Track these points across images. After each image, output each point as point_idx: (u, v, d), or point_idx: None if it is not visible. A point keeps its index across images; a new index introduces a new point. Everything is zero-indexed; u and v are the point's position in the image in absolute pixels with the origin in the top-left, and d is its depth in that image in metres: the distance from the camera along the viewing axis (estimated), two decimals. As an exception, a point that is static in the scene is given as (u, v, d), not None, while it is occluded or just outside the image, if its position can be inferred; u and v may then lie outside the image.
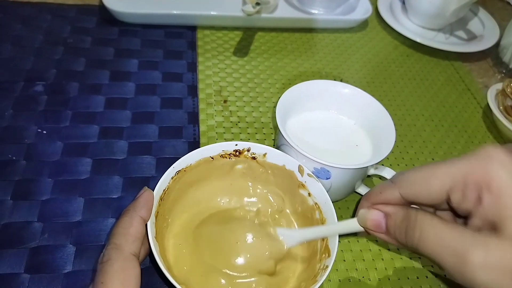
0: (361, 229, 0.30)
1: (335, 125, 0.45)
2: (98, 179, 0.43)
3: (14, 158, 0.43)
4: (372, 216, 0.29)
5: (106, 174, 0.43)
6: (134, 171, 0.44)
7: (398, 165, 0.49)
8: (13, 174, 0.41)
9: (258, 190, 0.39)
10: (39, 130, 0.46)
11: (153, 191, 0.32)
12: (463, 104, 0.59)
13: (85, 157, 0.44)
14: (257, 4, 0.62)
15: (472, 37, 0.70)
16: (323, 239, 0.33)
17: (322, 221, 0.34)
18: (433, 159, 0.51)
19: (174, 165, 0.34)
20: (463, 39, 0.70)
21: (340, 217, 0.43)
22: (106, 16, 0.61)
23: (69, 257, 0.36)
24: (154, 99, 0.52)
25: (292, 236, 0.34)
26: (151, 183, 0.43)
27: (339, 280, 0.39)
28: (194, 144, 0.47)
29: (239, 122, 0.51)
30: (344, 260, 0.40)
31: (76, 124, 0.47)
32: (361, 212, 0.30)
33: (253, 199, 0.39)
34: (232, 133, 0.49)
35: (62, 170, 0.43)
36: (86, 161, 0.44)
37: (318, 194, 0.35)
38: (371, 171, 0.40)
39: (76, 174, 0.43)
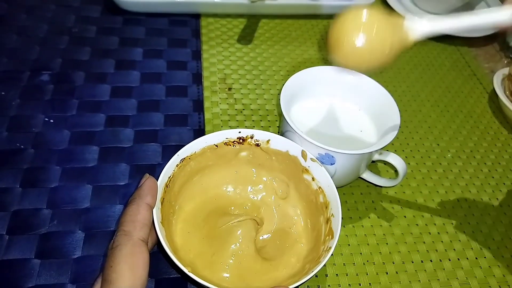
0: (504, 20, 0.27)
1: (340, 111, 0.45)
2: (105, 167, 0.43)
3: (22, 146, 0.43)
4: None
5: (113, 161, 0.44)
6: (140, 158, 0.44)
7: (403, 150, 0.50)
8: (22, 162, 0.42)
9: (263, 177, 0.40)
10: (46, 119, 0.46)
11: (158, 178, 0.33)
12: (469, 89, 0.59)
13: (92, 145, 0.45)
14: (261, -10, 0.62)
15: (478, 21, 0.69)
16: (327, 222, 0.33)
17: (326, 205, 0.34)
18: (438, 145, 0.51)
19: (178, 152, 0.34)
20: (470, 24, 0.69)
21: (344, 203, 0.43)
22: (110, 5, 0.61)
23: (78, 243, 0.37)
24: (159, 87, 0.52)
25: (421, 26, 0.30)
26: (157, 170, 0.43)
27: (344, 264, 0.39)
28: (199, 132, 0.48)
29: (243, 109, 0.51)
30: (349, 245, 0.41)
31: (82, 112, 0.48)
32: None
33: (259, 186, 0.40)
34: (237, 120, 0.50)
35: (69, 158, 0.43)
36: (93, 149, 0.45)
37: (322, 178, 0.35)
38: (376, 157, 0.40)
39: (84, 162, 0.43)
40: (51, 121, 0.46)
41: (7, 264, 0.35)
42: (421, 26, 0.30)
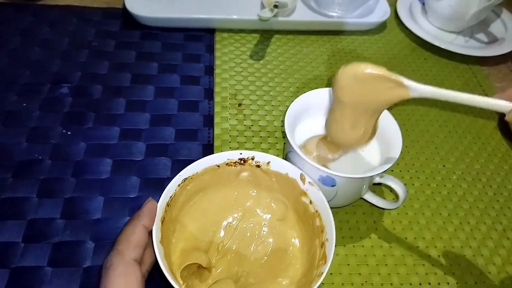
0: (500, 110, 0.31)
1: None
2: (117, 179, 0.45)
3: (40, 157, 0.46)
4: None
5: (125, 174, 0.46)
6: (150, 172, 0.46)
7: (408, 171, 0.50)
8: (39, 173, 0.45)
9: (263, 198, 0.41)
10: (64, 131, 0.49)
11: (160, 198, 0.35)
12: (479, 110, 0.58)
13: (106, 157, 0.47)
14: (275, 6, 0.63)
15: (493, 40, 0.69)
16: (322, 246, 0.34)
17: (321, 229, 0.35)
18: (444, 166, 0.51)
19: (180, 173, 0.36)
20: (483, 42, 0.69)
21: (345, 222, 0.44)
22: (129, 20, 0.63)
23: (88, 253, 0.39)
24: (172, 102, 0.54)
25: (420, 88, 0.33)
26: (165, 184, 0.44)
27: (342, 283, 0.40)
28: (208, 147, 0.49)
29: (252, 125, 0.52)
30: (348, 265, 0.41)
31: (98, 125, 0.50)
32: None
33: (259, 207, 0.41)
34: (245, 136, 0.51)
35: (84, 169, 0.46)
36: (106, 161, 0.47)
37: (319, 202, 0.36)
38: (377, 180, 0.41)
39: (97, 173, 0.46)
40: (69, 133, 0.49)
41: (22, 271, 0.37)
42: (419, 87, 0.33)
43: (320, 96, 0.44)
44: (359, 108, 0.37)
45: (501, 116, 0.58)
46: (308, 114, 0.45)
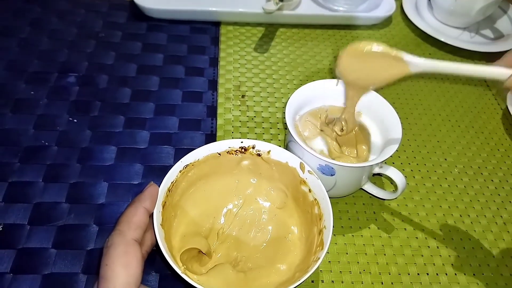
0: (499, 78, 0.31)
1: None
2: (121, 166, 0.46)
3: (46, 143, 0.47)
4: None
5: (129, 161, 0.47)
6: (153, 160, 0.47)
7: (409, 163, 0.50)
8: (46, 158, 0.46)
9: (263, 186, 0.42)
10: (70, 118, 0.50)
11: (162, 183, 0.35)
12: (483, 104, 0.59)
13: (111, 145, 0.48)
14: (281, 0, 0.63)
15: (498, 36, 0.69)
16: (319, 233, 0.35)
17: (320, 216, 0.36)
18: (445, 160, 0.51)
19: (182, 159, 0.37)
20: (489, 38, 0.69)
21: (345, 212, 0.45)
22: (136, 12, 0.64)
23: (92, 236, 0.40)
24: (176, 92, 0.55)
25: (420, 63, 0.34)
26: (168, 171, 0.46)
27: (340, 271, 0.40)
28: (211, 137, 0.50)
29: (255, 116, 0.53)
30: (347, 253, 0.42)
31: (104, 114, 0.51)
32: None
33: (259, 195, 0.42)
34: (248, 127, 0.52)
35: (89, 156, 0.47)
36: (111, 149, 0.48)
37: (317, 190, 0.37)
38: (376, 170, 0.41)
39: (102, 160, 0.46)
40: (75, 120, 0.50)
41: (27, 252, 0.39)
42: (419, 61, 0.34)
43: (321, 87, 0.45)
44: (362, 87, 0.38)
45: (505, 110, 0.58)
46: (309, 105, 0.45)
